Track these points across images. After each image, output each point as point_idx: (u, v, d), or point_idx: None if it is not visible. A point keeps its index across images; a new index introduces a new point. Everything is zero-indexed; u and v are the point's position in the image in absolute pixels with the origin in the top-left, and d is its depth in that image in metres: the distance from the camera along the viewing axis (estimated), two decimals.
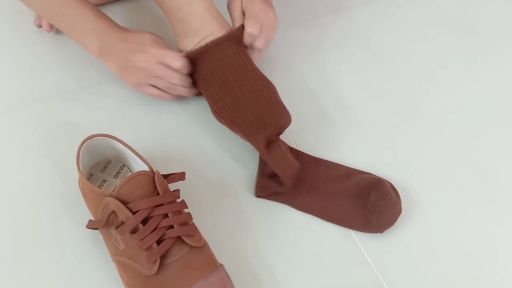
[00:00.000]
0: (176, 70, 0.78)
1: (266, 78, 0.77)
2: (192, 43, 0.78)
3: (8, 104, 0.84)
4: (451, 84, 0.92)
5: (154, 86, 0.81)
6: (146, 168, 0.70)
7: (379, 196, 0.73)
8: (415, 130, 0.86)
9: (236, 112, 0.74)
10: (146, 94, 0.82)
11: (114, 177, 0.75)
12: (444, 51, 0.97)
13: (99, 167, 0.75)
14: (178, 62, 0.77)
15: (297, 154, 0.80)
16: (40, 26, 0.93)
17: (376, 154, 0.82)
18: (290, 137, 0.83)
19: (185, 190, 0.73)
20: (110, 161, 0.76)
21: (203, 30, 0.77)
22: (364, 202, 0.74)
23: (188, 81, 0.81)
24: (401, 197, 0.76)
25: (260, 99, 0.74)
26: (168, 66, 0.77)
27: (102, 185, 0.74)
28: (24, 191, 0.75)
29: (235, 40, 0.78)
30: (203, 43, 0.77)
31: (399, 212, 0.75)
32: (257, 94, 0.75)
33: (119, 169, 0.75)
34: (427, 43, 0.98)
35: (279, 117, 0.75)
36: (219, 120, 0.77)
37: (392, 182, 0.77)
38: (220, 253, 0.68)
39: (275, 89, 0.77)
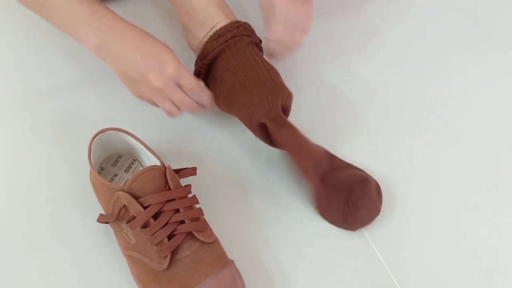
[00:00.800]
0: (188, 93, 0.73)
1: (269, 64, 0.76)
2: (199, 36, 0.78)
3: (19, 96, 0.83)
4: (464, 82, 0.91)
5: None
6: (157, 162, 0.69)
7: (360, 194, 0.72)
8: (426, 127, 0.85)
9: (236, 99, 0.73)
10: (149, 104, 0.75)
11: (125, 171, 0.75)
12: (457, 47, 0.96)
13: (110, 161, 0.75)
14: (195, 86, 0.73)
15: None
16: None
17: (381, 153, 0.82)
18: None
19: (196, 185, 0.73)
20: (121, 155, 0.76)
21: (209, 22, 0.76)
22: (346, 198, 0.73)
23: (195, 105, 0.76)
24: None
25: (263, 83, 0.73)
26: (182, 87, 0.72)
27: (113, 179, 0.74)
28: (34, 185, 0.75)
29: (240, 28, 0.76)
30: (209, 36, 0.76)
31: (377, 212, 0.74)
32: (259, 78, 0.73)
33: (130, 163, 0.75)
34: (439, 39, 0.97)
35: (276, 93, 0.73)
36: (221, 108, 0.77)
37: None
38: (231, 249, 0.68)
39: (277, 72, 0.76)
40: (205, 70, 0.77)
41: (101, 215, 0.68)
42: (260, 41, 0.79)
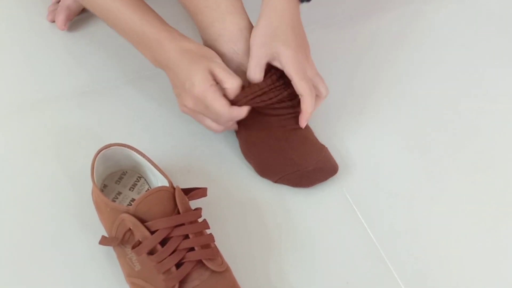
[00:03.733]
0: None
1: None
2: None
3: (18, 104, 0.81)
4: (491, 89, 0.88)
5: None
6: (164, 181, 0.66)
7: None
8: (451, 135, 0.82)
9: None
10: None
11: (130, 190, 0.71)
12: (486, 54, 0.93)
13: (114, 178, 0.71)
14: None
15: None
16: (54, 21, 0.88)
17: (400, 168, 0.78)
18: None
19: (206, 206, 0.68)
20: (126, 172, 0.72)
21: (237, 56, 0.72)
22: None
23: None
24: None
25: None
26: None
27: (117, 198, 0.70)
28: (32, 199, 0.72)
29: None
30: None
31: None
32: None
33: (135, 181, 0.71)
34: (467, 46, 0.94)
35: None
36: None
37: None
38: (243, 278, 0.64)
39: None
40: None
41: (103, 237, 0.65)
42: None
